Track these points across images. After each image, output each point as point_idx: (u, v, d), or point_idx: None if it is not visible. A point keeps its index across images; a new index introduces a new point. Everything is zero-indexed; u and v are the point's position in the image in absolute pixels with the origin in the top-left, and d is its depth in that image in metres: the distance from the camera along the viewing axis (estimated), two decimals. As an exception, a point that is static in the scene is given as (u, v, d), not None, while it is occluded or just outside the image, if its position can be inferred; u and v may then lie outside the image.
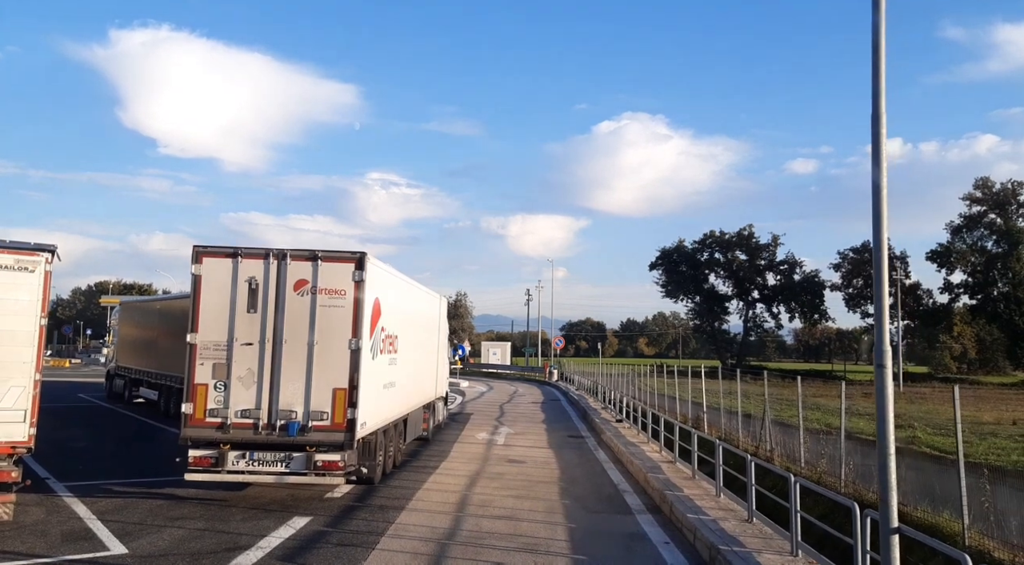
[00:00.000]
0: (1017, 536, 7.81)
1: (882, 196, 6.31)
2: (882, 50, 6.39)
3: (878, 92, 6.36)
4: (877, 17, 6.37)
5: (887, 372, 6.16)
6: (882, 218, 6.32)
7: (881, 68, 6.39)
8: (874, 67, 6.40)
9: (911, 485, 10.17)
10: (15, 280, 9.36)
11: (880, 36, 6.40)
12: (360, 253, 11.51)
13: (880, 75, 6.39)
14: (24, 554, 8.39)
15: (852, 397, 22.90)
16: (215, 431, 11.09)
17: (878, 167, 6.33)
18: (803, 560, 8.26)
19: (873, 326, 48.55)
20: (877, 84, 6.38)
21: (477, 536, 9.92)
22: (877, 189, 6.31)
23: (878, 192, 6.31)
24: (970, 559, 5.23)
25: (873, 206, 6.34)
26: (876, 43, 6.37)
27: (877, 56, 6.38)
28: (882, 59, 6.39)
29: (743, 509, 10.60)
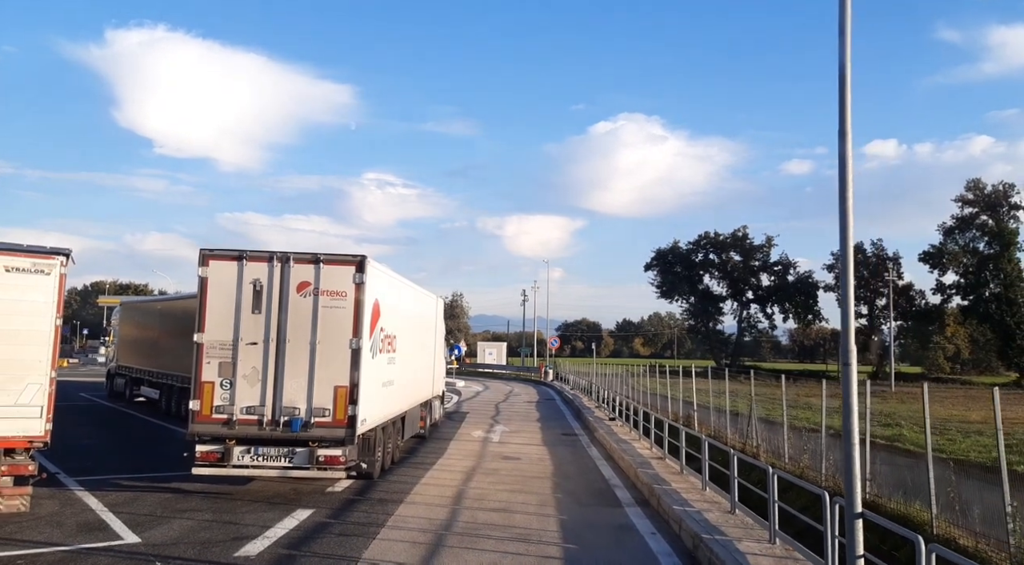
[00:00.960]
0: (979, 524, 8.31)
1: (848, 207, 6.79)
2: (847, 78, 6.87)
3: (844, 118, 6.85)
4: (843, 53, 6.85)
5: (852, 370, 6.65)
6: (848, 229, 6.80)
7: (847, 91, 6.87)
8: (840, 93, 6.88)
9: (885, 478, 10.67)
10: (32, 282, 9.81)
11: (846, 64, 6.88)
12: (360, 256, 11.98)
13: (846, 100, 6.87)
14: (44, 543, 8.84)
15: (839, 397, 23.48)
16: (221, 427, 11.54)
17: (844, 185, 6.81)
18: (780, 547, 8.75)
19: (868, 327, 49.44)
20: (843, 109, 6.86)
21: (473, 527, 10.39)
22: (843, 200, 6.80)
23: (844, 204, 6.79)
24: (923, 539, 5.72)
25: (840, 219, 6.83)
26: (842, 73, 6.86)
27: (843, 84, 6.86)
28: (847, 83, 6.88)
29: (727, 501, 11.09)
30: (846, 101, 6.83)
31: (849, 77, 6.85)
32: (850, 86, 6.85)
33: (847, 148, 6.80)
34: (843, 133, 6.83)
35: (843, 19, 6.88)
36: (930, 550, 5.62)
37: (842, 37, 6.89)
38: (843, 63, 6.83)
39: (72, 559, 8.24)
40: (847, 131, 6.81)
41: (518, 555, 8.96)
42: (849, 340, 6.68)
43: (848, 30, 6.88)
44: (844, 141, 6.82)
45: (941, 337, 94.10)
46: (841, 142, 6.85)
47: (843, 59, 6.85)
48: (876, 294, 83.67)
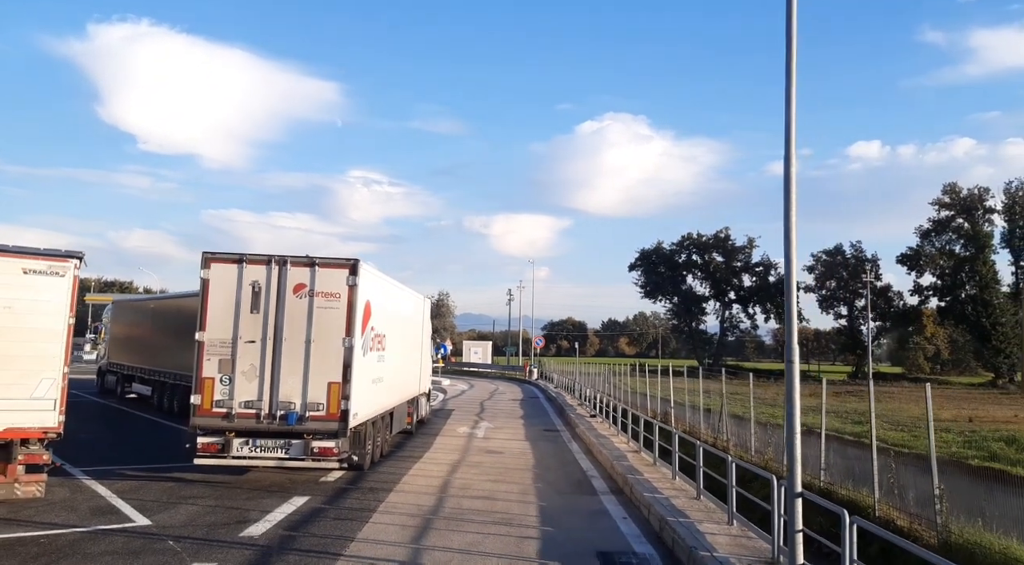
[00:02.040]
0: (914, 506, 9.22)
1: (791, 215, 7.66)
2: (792, 95, 7.74)
3: (789, 135, 7.72)
4: (788, 81, 7.71)
5: (795, 367, 7.51)
6: (792, 235, 7.67)
7: (792, 106, 7.74)
8: (787, 111, 7.75)
9: (838, 468, 11.59)
10: (47, 283, 10.52)
11: (791, 84, 7.75)
12: (354, 259, 12.76)
13: (791, 115, 7.74)
14: (62, 525, 9.58)
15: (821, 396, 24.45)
16: (221, 420, 12.28)
17: (788, 196, 7.67)
18: (736, 528, 9.64)
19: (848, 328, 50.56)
20: (788, 127, 7.73)
21: (458, 512, 11.21)
22: (788, 210, 7.66)
23: (788, 212, 7.66)
24: (847, 512, 6.60)
25: (784, 226, 7.69)
26: (788, 94, 7.73)
27: (788, 102, 7.73)
28: (792, 99, 7.74)
29: (694, 489, 11.98)
30: (791, 116, 7.67)
31: (794, 93, 7.70)
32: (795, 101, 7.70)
33: (791, 159, 7.64)
34: (788, 143, 7.66)
35: (789, 40, 7.72)
36: (852, 521, 6.50)
37: (788, 70, 7.75)
38: (789, 83, 7.69)
39: (91, 539, 8.98)
40: (791, 142, 7.65)
41: (499, 536, 9.79)
42: (793, 340, 7.55)
43: (794, 58, 7.74)
44: (789, 155, 7.67)
45: (921, 338, 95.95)
46: (786, 159, 7.69)
47: (788, 84, 7.71)
48: (856, 295, 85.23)
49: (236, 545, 8.90)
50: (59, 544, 8.71)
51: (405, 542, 9.41)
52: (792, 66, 7.71)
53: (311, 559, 8.44)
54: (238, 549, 8.73)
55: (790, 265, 7.76)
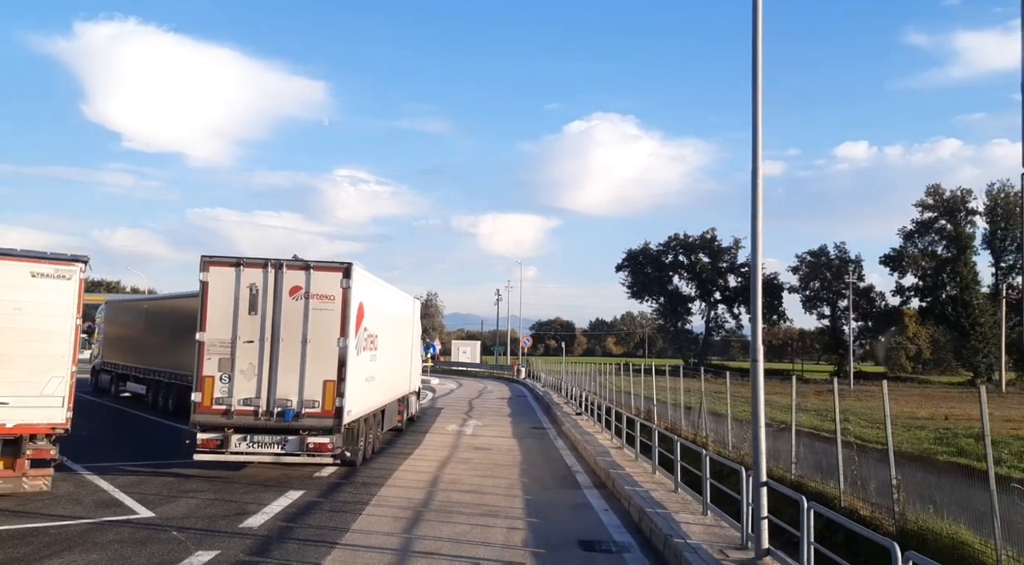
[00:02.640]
0: (875, 496, 9.86)
1: (758, 217, 8.26)
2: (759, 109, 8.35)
3: (756, 138, 8.32)
4: (755, 96, 8.32)
5: (759, 365, 8.13)
6: (758, 236, 8.27)
7: (759, 109, 8.34)
8: (753, 113, 8.35)
9: (807, 462, 12.23)
10: (55, 286, 10.97)
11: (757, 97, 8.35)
12: (347, 263, 13.29)
13: (758, 117, 8.34)
14: (69, 516, 10.06)
15: (805, 395, 25.23)
16: (220, 417, 12.77)
17: (756, 197, 8.28)
18: (710, 517, 10.24)
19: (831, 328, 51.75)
20: (756, 129, 8.33)
21: (448, 505, 11.76)
22: (755, 212, 8.27)
23: (755, 213, 8.26)
24: (805, 499, 7.20)
25: (752, 227, 8.30)
26: (754, 109, 8.33)
27: (755, 106, 8.33)
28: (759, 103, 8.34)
29: (672, 482, 12.58)
30: (758, 125, 8.27)
31: (760, 98, 8.29)
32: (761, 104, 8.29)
33: (758, 161, 8.24)
34: (755, 147, 8.26)
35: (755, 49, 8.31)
36: (809, 507, 7.10)
37: (754, 78, 8.35)
38: (755, 88, 8.29)
39: (98, 529, 9.47)
40: (759, 146, 8.25)
41: (487, 527, 10.35)
42: (757, 339, 8.15)
43: (759, 65, 8.33)
44: (756, 157, 8.26)
45: (903, 338, 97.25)
46: (753, 160, 8.29)
47: (755, 91, 8.31)
48: (839, 296, 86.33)
49: (237, 535, 9.41)
50: (69, 534, 9.19)
51: (397, 532, 9.94)
52: (758, 74, 8.30)
53: (309, 548, 8.96)
54: (239, 539, 9.23)
55: (756, 273, 8.36)
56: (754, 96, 8.33)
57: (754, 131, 8.30)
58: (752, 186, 8.31)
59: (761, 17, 8.38)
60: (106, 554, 8.35)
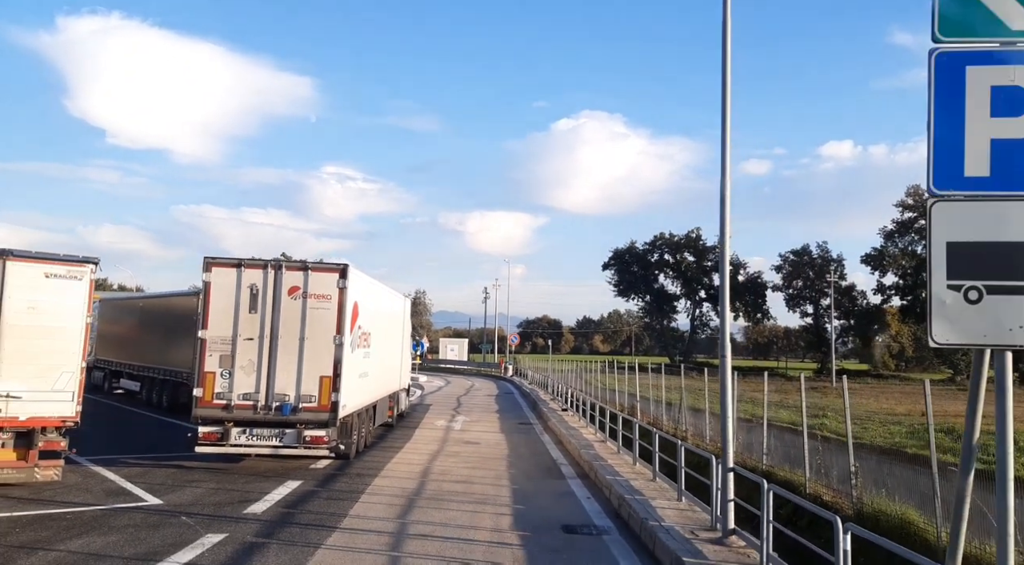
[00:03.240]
0: (836, 482, 10.64)
1: (726, 216, 8.99)
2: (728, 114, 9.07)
3: (724, 136, 9.04)
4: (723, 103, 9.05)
5: (728, 362, 8.86)
6: (726, 235, 9.01)
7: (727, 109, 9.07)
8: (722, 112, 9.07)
9: (778, 452, 13.02)
10: (67, 287, 11.55)
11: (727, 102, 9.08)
12: (344, 264, 13.93)
13: (727, 116, 9.07)
14: (82, 503, 10.67)
15: (788, 392, 26.08)
16: (221, 411, 13.39)
17: (724, 199, 9.00)
18: (684, 503, 10.99)
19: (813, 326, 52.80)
20: (724, 128, 9.05)
21: (439, 494, 12.44)
22: (723, 214, 9.00)
23: (723, 213, 8.99)
24: (765, 481, 7.94)
25: (720, 226, 9.02)
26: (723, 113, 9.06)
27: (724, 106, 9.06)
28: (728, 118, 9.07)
29: (651, 472, 13.32)
30: (727, 117, 8.99)
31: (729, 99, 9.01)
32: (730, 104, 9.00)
33: (727, 164, 8.95)
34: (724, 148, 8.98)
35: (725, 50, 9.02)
36: (769, 489, 7.83)
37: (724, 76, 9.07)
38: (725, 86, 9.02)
39: (112, 514, 10.09)
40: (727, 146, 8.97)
41: (476, 513, 11.04)
42: (726, 337, 8.89)
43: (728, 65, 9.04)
44: (724, 159, 8.98)
45: (885, 335, 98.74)
46: (722, 161, 9.00)
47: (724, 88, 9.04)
48: (821, 294, 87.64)
49: (242, 520, 10.06)
50: (84, 519, 9.81)
51: (392, 518, 10.62)
52: (727, 81, 9.03)
53: (310, 531, 9.62)
54: (244, 523, 9.88)
55: (724, 277, 9.09)
56: (723, 103, 9.05)
57: (723, 136, 9.02)
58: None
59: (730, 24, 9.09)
60: (123, 536, 8.98)
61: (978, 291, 4.37)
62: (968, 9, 4.41)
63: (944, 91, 4.41)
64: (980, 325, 4.40)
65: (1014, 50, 4.40)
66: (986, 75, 4.38)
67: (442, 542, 9.30)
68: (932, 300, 4.45)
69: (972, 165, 4.40)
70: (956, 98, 4.39)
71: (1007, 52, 4.40)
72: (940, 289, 4.43)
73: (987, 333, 4.40)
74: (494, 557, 8.75)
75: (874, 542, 5.99)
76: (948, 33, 4.45)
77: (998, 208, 4.39)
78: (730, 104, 8.98)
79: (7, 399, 11.06)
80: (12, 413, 11.10)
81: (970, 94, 4.38)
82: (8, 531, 9.06)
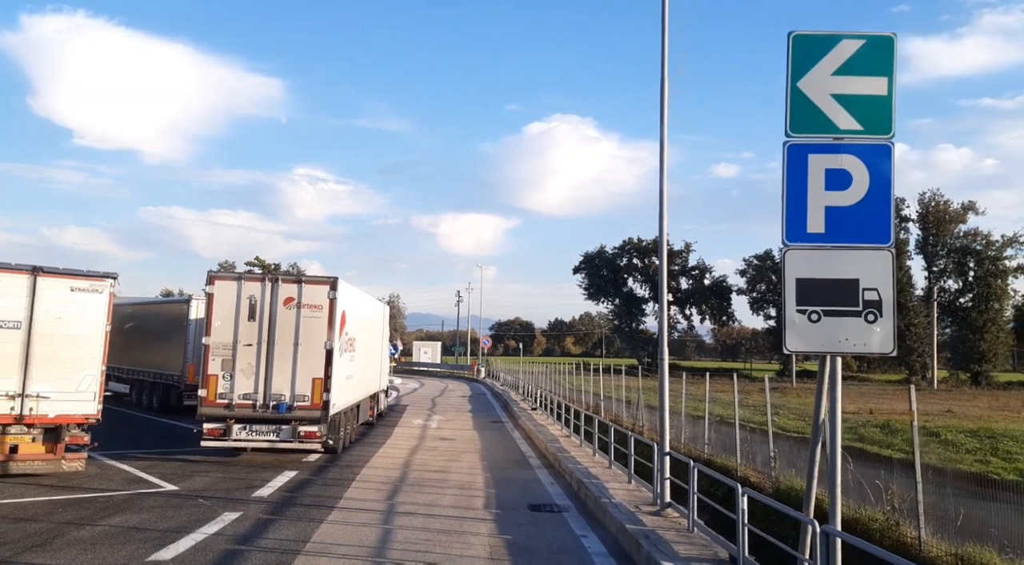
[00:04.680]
0: (760, 466, 12.51)
1: (663, 222, 10.77)
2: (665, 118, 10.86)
3: (663, 132, 10.82)
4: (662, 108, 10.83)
5: (665, 363, 10.65)
6: (663, 239, 10.79)
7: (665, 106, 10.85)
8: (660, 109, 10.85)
9: (716, 443, 14.88)
10: (89, 299, 13.02)
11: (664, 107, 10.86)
12: (334, 277, 15.53)
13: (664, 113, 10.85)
14: (108, 490, 12.16)
15: (750, 392, 28.09)
16: (223, 409, 14.91)
17: (662, 207, 10.79)
18: (634, 485, 12.78)
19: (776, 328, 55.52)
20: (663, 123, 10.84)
21: (420, 481, 14.10)
22: (661, 219, 10.78)
23: (661, 218, 10.78)
24: (692, 460, 9.73)
25: (659, 230, 10.80)
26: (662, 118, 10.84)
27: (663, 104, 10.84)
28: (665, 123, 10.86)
29: (607, 461, 15.11)
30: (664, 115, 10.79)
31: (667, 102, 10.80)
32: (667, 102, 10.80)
33: (664, 166, 10.74)
34: (662, 146, 10.75)
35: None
36: (694, 467, 9.62)
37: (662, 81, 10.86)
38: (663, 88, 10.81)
39: (137, 498, 11.61)
40: (664, 144, 10.75)
41: (454, 496, 12.72)
42: (663, 341, 10.68)
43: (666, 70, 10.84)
44: (663, 161, 10.76)
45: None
46: (661, 164, 10.77)
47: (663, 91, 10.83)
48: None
49: (252, 502, 11.63)
50: (115, 501, 11.32)
51: (381, 499, 12.26)
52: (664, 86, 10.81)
53: (313, 510, 11.22)
54: (255, 504, 11.45)
55: (662, 274, 10.86)
56: (661, 115, 10.84)
57: (661, 140, 10.80)
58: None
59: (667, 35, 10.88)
60: (153, 514, 10.52)
61: (817, 314, 6.16)
62: (810, 114, 6.21)
63: (793, 171, 6.20)
64: (819, 338, 6.19)
65: (842, 143, 6.20)
66: (822, 161, 6.18)
67: (426, 518, 10.96)
68: (786, 320, 6.23)
69: (812, 224, 6.19)
70: (801, 177, 6.19)
71: (837, 144, 6.20)
72: (791, 312, 6.22)
73: (823, 343, 6.19)
74: (472, 529, 10.44)
75: (765, 503, 7.80)
76: (796, 130, 6.25)
77: (830, 255, 6.18)
78: (667, 116, 10.77)
79: (37, 399, 12.53)
80: (42, 411, 12.56)
81: (811, 174, 6.17)
82: (52, 511, 10.56)
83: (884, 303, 6.10)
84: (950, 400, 45.36)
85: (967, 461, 16.60)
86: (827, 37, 6.26)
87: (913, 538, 8.31)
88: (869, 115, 6.19)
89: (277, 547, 9.04)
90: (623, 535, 9.73)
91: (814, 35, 6.27)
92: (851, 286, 6.11)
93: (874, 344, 6.15)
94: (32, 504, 10.98)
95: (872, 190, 6.14)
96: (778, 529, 9.02)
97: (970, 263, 79.67)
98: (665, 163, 10.55)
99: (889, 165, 6.16)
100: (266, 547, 9.05)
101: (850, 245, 6.19)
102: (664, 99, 10.65)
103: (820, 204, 6.18)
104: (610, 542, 9.90)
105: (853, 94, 6.20)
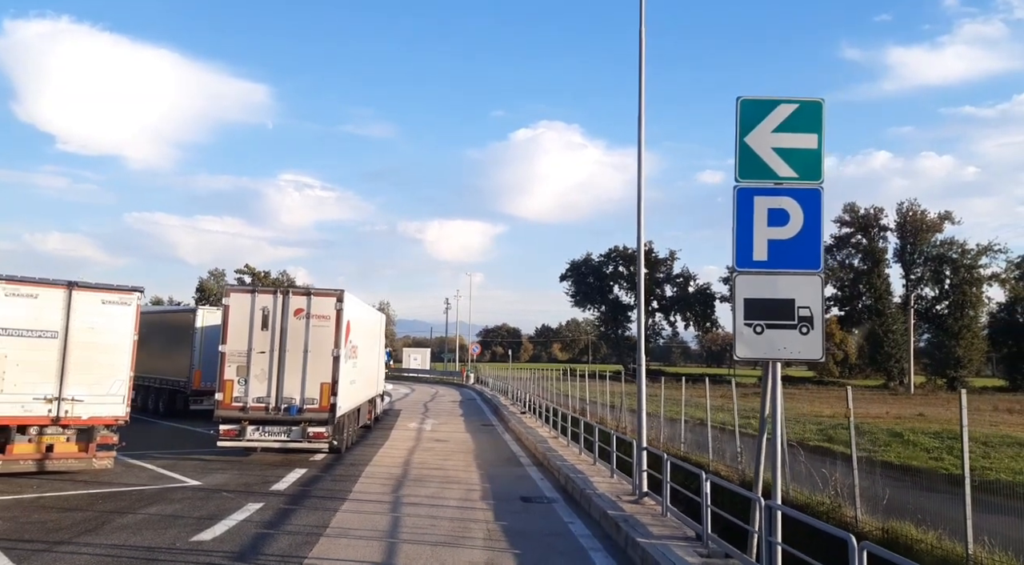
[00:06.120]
0: (729, 461, 13.90)
1: (640, 229, 12.15)
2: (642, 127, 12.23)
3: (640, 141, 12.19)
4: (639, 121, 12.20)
5: (643, 369, 12.00)
6: (640, 246, 12.16)
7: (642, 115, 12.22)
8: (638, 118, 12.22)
9: (691, 442, 16.27)
10: (119, 311, 14.24)
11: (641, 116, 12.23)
12: (340, 290, 16.83)
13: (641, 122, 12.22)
14: (138, 484, 13.37)
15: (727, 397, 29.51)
16: (238, 412, 16.14)
17: (640, 216, 12.16)
18: (616, 479, 14.13)
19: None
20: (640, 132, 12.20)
21: (420, 477, 15.38)
22: (639, 225, 12.14)
23: (639, 225, 12.14)
24: (666, 454, 11.08)
25: (637, 238, 12.16)
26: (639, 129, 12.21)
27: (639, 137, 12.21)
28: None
29: (592, 458, 16.46)
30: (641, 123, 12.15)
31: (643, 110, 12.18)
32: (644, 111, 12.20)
33: (641, 177, 12.11)
34: (640, 157, 12.13)
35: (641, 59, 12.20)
36: (667, 459, 10.97)
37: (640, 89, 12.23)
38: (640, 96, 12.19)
39: (167, 491, 12.83)
40: (642, 153, 12.13)
41: (453, 489, 14.01)
42: (641, 347, 12.03)
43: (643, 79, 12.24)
44: (640, 171, 12.13)
45: (829, 343, 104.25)
46: (639, 173, 12.14)
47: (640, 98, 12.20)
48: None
49: (271, 494, 12.88)
50: (147, 494, 12.54)
51: (387, 492, 13.54)
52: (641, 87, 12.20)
53: (327, 501, 12.48)
54: (274, 496, 12.71)
55: (639, 282, 12.24)
56: (639, 125, 12.20)
57: (639, 145, 12.16)
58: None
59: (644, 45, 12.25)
60: (184, 505, 11.76)
61: (761, 327, 7.53)
62: (755, 163, 7.59)
63: (741, 210, 7.58)
64: (763, 346, 7.56)
65: (781, 187, 7.59)
66: (765, 202, 7.57)
67: (429, 507, 12.25)
68: (735, 332, 7.60)
69: (758, 254, 7.57)
70: (748, 214, 7.57)
71: (777, 188, 7.59)
72: (740, 326, 7.59)
73: (766, 351, 7.56)
74: (470, 516, 11.74)
75: (728, 488, 9.18)
76: (744, 176, 7.63)
77: (772, 279, 7.56)
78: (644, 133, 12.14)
79: (72, 402, 13.73)
80: (76, 413, 13.76)
81: (756, 212, 7.55)
82: (93, 502, 11.77)
83: (815, 318, 7.50)
84: (925, 404, 47.10)
85: (921, 458, 18.08)
86: (768, 102, 7.65)
87: (851, 517, 9.71)
88: (803, 165, 7.59)
89: (301, 530, 10.31)
90: (605, 520, 11.07)
91: (757, 100, 7.66)
92: (788, 304, 7.50)
93: (806, 351, 7.55)
94: (74, 496, 12.19)
95: (806, 226, 7.54)
96: (745, 515, 10.40)
97: (946, 271, 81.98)
98: (643, 172, 11.91)
99: (819, 206, 7.56)
100: (291, 531, 10.32)
101: (788, 271, 7.58)
102: (641, 117, 12.02)
103: (764, 237, 7.56)
104: (594, 526, 11.24)
105: (789, 148, 7.58)
